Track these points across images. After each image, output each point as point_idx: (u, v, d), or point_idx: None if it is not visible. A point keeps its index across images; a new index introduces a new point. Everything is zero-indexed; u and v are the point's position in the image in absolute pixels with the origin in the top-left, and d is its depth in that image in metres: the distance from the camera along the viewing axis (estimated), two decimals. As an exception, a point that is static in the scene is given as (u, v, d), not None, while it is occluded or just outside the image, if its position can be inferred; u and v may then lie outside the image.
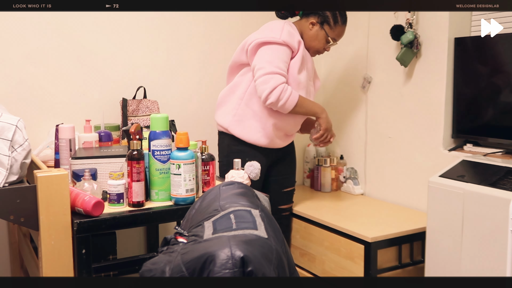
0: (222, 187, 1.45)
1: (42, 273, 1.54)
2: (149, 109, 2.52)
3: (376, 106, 2.73)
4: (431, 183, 2.04)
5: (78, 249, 1.54)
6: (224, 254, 1.11)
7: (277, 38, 2.17)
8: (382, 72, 2.68)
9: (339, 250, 2.28)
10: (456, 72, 2.34)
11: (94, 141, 2.07)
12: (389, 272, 2.22)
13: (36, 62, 2.40)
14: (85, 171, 1.71)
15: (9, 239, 2.47)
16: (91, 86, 2.54)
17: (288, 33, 2.19)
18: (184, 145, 1.65)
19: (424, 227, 2.26)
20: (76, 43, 2.48)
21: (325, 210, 2.50)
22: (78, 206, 1.58)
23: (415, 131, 2.52)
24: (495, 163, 2.05)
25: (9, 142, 1.54)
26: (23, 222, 1.52)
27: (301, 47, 2.24)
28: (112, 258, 2.22)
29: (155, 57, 2.69)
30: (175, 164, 1.65)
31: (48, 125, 2.44)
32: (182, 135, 1.66)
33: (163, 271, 1.18)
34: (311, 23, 2.30)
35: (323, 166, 2.87)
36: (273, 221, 1.35)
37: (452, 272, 1.96)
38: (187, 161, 1.64)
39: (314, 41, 2.31)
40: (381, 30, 2.64)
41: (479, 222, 1.85)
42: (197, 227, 1.30)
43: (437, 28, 2.36)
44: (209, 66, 2.84)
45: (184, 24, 2.74)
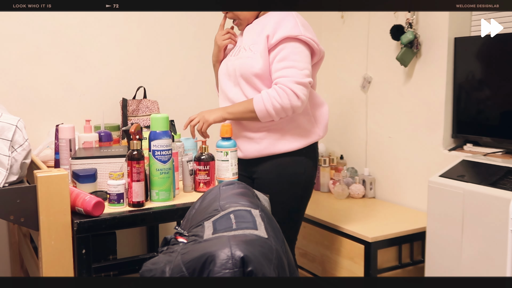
0: (222, 187, 1.45)
1: (42, 273, 1.54)
2: (149, 109, 2.52)
3: (376, 106, 2.73)
4: (431, 183, 2.04)
5: (78, 249, 1.54)
6: (224, 254, 1.11)
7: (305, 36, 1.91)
8: (382, 72, 2.69)
9: (339, 250, 2.28)
10: (456, 72, 2.34)
11: (94, 141, 2.07)
12: (389, 272, 2.22)
13: (36, 62, 2.40)
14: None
15: (9, 239, 2.47)
16: (91, 86, 2.54)
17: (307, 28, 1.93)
18: (229, 135, 1.84)
19: (424, 227, 2.26)
20: (76, 43, 2.48)
21: (325, 210, 2.50)
22: (78, 206, 1.58)
23: (415, 131, 2.52)
24: (495, 163, 2.05)
25: (9, 142, 1.54)
26: (23, 222, 1.52)
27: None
28: (112, 258, 2.22)
29: (155, 57, 2.69)
30: (223, 152, 1.84)
31: (48, 125, 2.44)
32: (226, 127, 1.84)
33: (163, 271, 1.18)
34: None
35: (322, 166, 2.87)
36: (273, 221, 1.35)
37: (452, 272, 1.96)
38: (232, 149, 1.85)
39: None
40: (381, 30, 2.64)
41: (479, 222, 1.85)
42: (197, 227, 1.30)
43: (437, 28, 2.36)
44: (209, 66, 2.84)
45: (184, 24, 2.74)
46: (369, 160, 2.79)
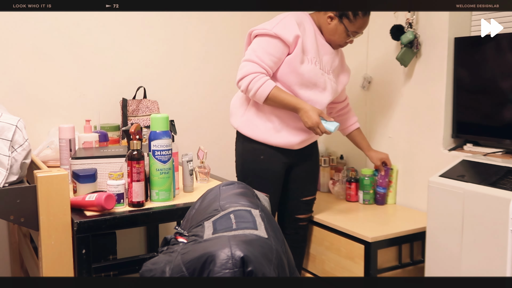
0: (222, 187, 1.45)
1: (42, 273, 1.54)
2: (149, 109, 2.52)
3: (376, 106, 2.73)
4: (431, 183, 2.04)
5: (78, 249, 1.54)
6: (224, 254, 1.11)
7: (268, 30, 2.06)
8: (382, 72, 2.69)
9: (339, 250, 2.28)
10: (456, 72, 2.34)
11: (94, 141, 2.07)
12: (389, 272, 2.22)
13: (36, 62, 2.40)
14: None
15: (9, 239, 2.47)
16: (91, 86, 2.54)
17: (283, 26, 2.07)
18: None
19: (424, 227, 2.26)
20: (76, 43, 2.48)
21: (325, 210, 2.50)
22: (89, 206, 1.59)
23: (415, 131, 2.52)
24: (495, 163, 2.05)
25: (9, 142, 1.54)
26: (23, 222, 1.52)
27: (299, 41, 2.09)
28: (112, 258, 2.22)
29: (155, 57, 2.69)
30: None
31: (48, 125, 2.44)
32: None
33: (163, 271, 1.18)
34: (329, 16, 2.13)
35: (322, 166, 2.86)
36: (273, 221, 1.35)
37: (452, 272, 1.96)
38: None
39: (334, 35, 2.15)
40: (381, 30, 2.64)
41: (479, 222, 1.85)
42: (197, 227, 1.30)
43: (437, 28, 2.36)
44: (209, 66, 2.84)
45: (184, 24, 2.74)
46: (369, 160, 2.79)
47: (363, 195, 2.61)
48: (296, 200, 2.34)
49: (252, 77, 2.04)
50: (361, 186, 2.61)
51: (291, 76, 2.11)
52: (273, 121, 2.16)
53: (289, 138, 2.18)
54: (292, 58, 2.09)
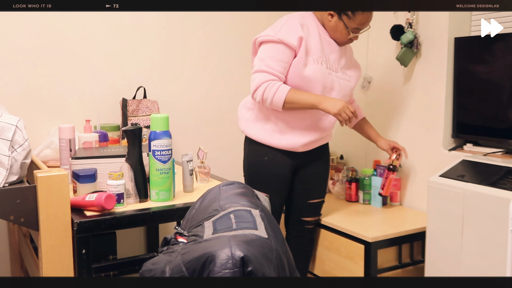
0: (222, 187, 1.45)
1: (42, 273, 1.54)
2: (149, 109, 2.53)
3: (376, 106, 2.73)
4: (431, 183, 2.04)
5: (78, 249, 1.54)
6: (224, 254, 1.11)
7: (272, 36, 2.07)
8: (382, 72, 2.69)
9: (339, 250, 2.28)
10: (456, 72, 2.34)
11: (94, 141, 2.07)
12: (389, 272, 2.22)
13: (36, 62, 2.40)
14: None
15: (9, 239, 2.47)
16: (91, 86, 2.54)
17: (287, 30, 2.07)
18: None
19: (424, 227, 2.26)
20: (76, 43, 2.48)
21: (325, 210, 2.50)
22: (89, 206, 1.59)
23: (415, 131, 2.52)
24: (495, 163, 2.05)
25: (9, 142, 1.54)
26: (23, 222, 1.52)
27: (303, 43, 2.08)
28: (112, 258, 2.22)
29: (155, 57, 2.69)
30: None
31: (48, 125, 2.44)
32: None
33: (163, 271, 1.18)
34: (329, 14, 2.12)
35: (323, 166, 2.86)
36: (273, 221, 1.35)
37: (452, 272, 1.96)
38: None
39: (335, 32, 2.13)
40: (381, 30, 2.64)
41: (479, 222, 1.85)
42: (197, 227, 1.30)
43: (437, 28, 2.36)
44: (209, 66, 2.84)
45: (184, 24, 2.74)
46: (369, 160, 2.79)
47: (363, 195, 2.61)
48: (303, 202, 2.32)
49: (265, 86, 2.03)
50: (361, 186, 2.61)
51: (297, 79, 2.09)
52: (278, 124, 2.16)
53: (293, 140, 2.17)
54: (296, 61, 2.08)
